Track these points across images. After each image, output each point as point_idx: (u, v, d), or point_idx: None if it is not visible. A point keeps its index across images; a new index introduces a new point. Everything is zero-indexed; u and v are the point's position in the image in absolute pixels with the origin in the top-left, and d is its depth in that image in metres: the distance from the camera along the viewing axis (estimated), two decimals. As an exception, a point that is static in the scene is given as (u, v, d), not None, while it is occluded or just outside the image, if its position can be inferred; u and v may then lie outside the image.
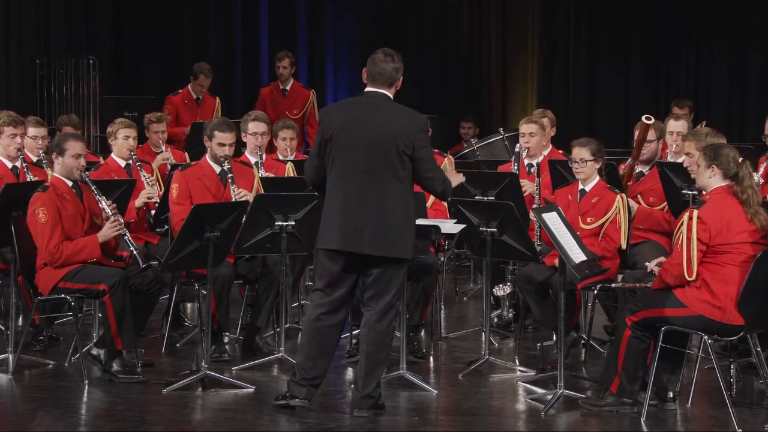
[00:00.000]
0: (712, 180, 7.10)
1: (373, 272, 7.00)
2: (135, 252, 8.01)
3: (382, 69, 7.05)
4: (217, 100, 14.08)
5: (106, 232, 8.02)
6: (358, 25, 17.31)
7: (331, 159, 6.98)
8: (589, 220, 8.49)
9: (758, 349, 7.25)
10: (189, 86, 13.91)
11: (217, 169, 8.83)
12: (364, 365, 7.05)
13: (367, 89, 7.12)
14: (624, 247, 8.44)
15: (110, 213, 8.06)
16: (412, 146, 6.90)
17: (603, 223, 8.44)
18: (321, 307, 7.05)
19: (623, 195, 8.54)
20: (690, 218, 6.96)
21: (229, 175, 8.76)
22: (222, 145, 8.79)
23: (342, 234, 6.92)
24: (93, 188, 8.14)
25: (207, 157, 8.95)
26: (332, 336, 7.13)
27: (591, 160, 8.53)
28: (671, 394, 7.30)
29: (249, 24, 17.52)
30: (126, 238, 8.07)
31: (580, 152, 8.56)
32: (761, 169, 8.72)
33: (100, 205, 8.11)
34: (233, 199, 8.56)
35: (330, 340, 7.12)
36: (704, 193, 7.18)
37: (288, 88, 13.90)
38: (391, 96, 7.08)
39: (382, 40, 17.42)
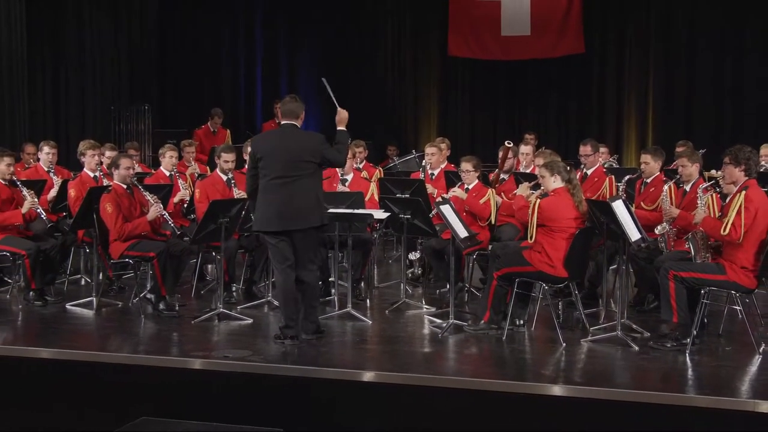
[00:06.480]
0: (555, 183, 7.17)
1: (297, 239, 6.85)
2: (173, 225, 8.10)
3: (290, 108, 6.94)
4: (228, 131, 14.10)
5: (152, 212, 7.98)
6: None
7: (263, 171, 6.80)
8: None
9: (576, 292, 7.36)
10: (208, 123, 13.94)
11: (224, 177, 8.75)
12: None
13: (282, 122, 7.03)
14: (493, 222, 8.47)
15: (153, 201, 8.03)
16: (320, 155, 6.79)
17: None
18: (288, 274, 6.83)
19: (492, 190, 8.56)
20: (534, 204, 7.08)
21: (233, 182, 8.69)
22: (226, 161, 8.74)
23: (281, 220, 6.75)
24: (140, 188, 8.14)
25: (218, 170, 8.89)
26: (296, 292, 6.90)
27: (472, 171, 8.56)
28: (522, 322, 7.35)
29: (249, 80, 17.39)
30: (166, 216, 8.09)
31: (466, 165, 8.59)
32: (578, 176, 8.76)
33: (146, 198, 8.06)
34: (235, 197, 8.46)
35: (296, 294, 6.90)
36: (551, 191, 7.22)
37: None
38: (298, 125, 6.94)
39: (336, 87, 17.59)
